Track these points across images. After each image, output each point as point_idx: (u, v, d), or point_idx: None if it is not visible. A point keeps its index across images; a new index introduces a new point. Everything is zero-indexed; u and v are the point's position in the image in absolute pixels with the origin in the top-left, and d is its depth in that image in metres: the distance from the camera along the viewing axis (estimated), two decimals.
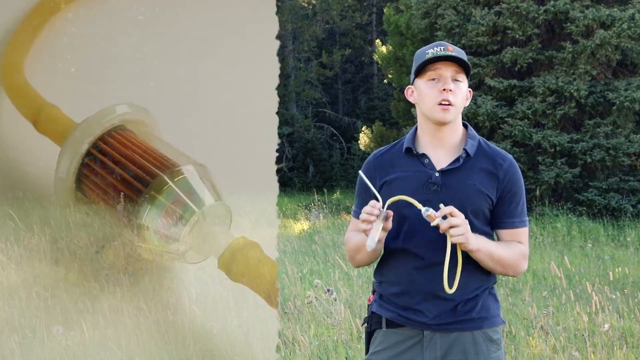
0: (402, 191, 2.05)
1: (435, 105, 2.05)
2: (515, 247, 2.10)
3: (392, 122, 20.00)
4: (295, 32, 24.78)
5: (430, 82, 2.07)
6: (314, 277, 6.82)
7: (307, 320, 5.06)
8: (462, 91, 2.08)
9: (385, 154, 2.19)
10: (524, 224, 2.14)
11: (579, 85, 13.44)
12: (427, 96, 2.07)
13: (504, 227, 2.11)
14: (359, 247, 2.10)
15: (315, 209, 14.69)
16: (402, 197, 1.97)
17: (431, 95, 2.06)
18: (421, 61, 2.07)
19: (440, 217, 1.92)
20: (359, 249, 2.12)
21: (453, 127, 2.11)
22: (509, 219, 2.10)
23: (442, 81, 2.05)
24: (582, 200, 13.36)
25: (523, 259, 2.11)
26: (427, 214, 1.93)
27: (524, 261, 2.11)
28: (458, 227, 1.93)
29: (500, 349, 2.11)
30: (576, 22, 13.60)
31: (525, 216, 2.14)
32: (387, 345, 2.12)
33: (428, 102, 2.07)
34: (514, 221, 2.11)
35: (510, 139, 13.81)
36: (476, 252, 2.00)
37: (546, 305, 5.67)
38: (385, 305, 2.13)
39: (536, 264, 8.34)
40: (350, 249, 2.18)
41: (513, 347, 4.64)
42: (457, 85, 2.06)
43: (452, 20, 14.93)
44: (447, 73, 2.06)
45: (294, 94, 24.34)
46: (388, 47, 18.22)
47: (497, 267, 2.07)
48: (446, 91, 2.04)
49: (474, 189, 2.06)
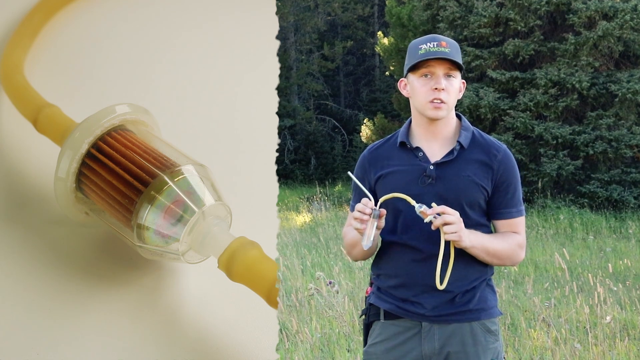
0: (397, 185, 2.07)
1: (427, 103, 2.06)
2: (510, 238, 2.11)
3: (393, 115, 20.00)
4: (297, 24, 24.75)
5: (422, 79, 2.07)
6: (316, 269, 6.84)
7: (309, 313, 5.08)
8: (454, 87, 2.08)
9: (380, 148, 2.20)
10: (520, 213, 2.15)
11: (581, 77, 13.44)
12: (419, 93, 2.08)
13: (500, 218, 2.13)
14: (355, 242, 2.12)
15: (317, 201, 14.71)
16: (395, 194, 1.98)
17: (423, 93, 2.07)
18: (413, 58, 2.07)
19: (433, 214, 1.93)
20: (355, 244, 2.13)
21: (446, 120, 2.12)
22: (505, 209, 2.12)
23: (434, 79, 2.06)
24: (584, 192, 13.38)
25: (519, 249, 2.12)
26: (420, 211, 1.94)
27: (520, 251, 2.13)
28: (451, 225, 1.94)
29: (499, 340, 2.13)
30: (578, 14, 13.59)
31: (521, 205, 2.16)
32: (386, 337, 2.13)
33: (420, 98, 2.08)
34: (511, 211, 2.12)
35: (512, 131, 13.83)
36: (471, 249, 2.01)
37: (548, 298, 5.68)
38: (383, 297, 2.14)
39: (538, 256, 8.35)
40: (347, 244, 2.20)
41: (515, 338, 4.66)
42: (449, 82, 2.07)
43: (454, 12, 14.93)
44: (439, 71, 2.06)
45: (296, 86, 24.32)
46: (390, 39, 18.22)
47: (493, 260, 2.08)
48: (438, 90, 2.05)
49: (469, 181, 2.07)
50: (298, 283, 6.11)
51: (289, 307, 5.24)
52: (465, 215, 2.03)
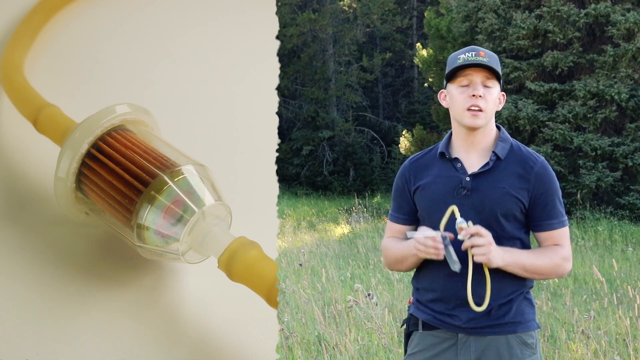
0: (434, 196, 2.08)
1: (464, 111, 2.06)
2: (552, 252, 2.08)
3: (432, 126, 19.92)
4: (335, 35, 24.70)
5: (461, 88, 2.08)
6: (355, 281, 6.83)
7: (348, 324, 5.07)
8: (492, 96, 2.08)
9: (421, 159, 2.20)
10: (562, 224, 2.11)
11: (620, 88, 13.43)
12: (457, 101, 2.08)
13: (541, 230, 2.10)
14: (404, 257, 2.10)
15: (355, 212, 14.65)
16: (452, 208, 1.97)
17: (461, 101, 2.07)
18: (452, 67, 2.07)
19: (467, 235, 1.93)
20: (402, 260, 2.12)
21: (485, 131, 2.11)
22: (546, 221, 2.09)
23: (472, 87, 2.05)
24: (623, 203, 13.34)
25: (564, 261, 2.09)
26: (459, 227, 1.93)
27: (565, 263, 2.09)
28: (480, 247, 1.93)
29: (536, 352, 2.10)
30: (617, 26, 13.57)
31: (563, 216, 2.12)
32: (423, 347, 2.12)
33: (458, 107, 2.08)
34: (552, 223, 2.09)
35: (551, 143, 13.80)
36: (505, 267, 2.00)
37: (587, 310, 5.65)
38: (422, 307, 2.13)
39: (577, 268, 8.31)
40: (394, 259, 2.18)
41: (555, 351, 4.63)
42: (487, 91, 2.06)
43: (493, 23, 14.91)
44: (477, 79, 2.06)
45: (335, 97, 24.26)
46: (429, 51, 18.17)
47: (534, 276, 2.06)
48: (475, 97, 2.05)
49: (504, 193, 2.05)
50: (337, 295, 6.08)
51: (328, 319, 5.23)
52: (500, 227, 2.02)
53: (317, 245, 9.53)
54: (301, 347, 4.62)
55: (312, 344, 4.67)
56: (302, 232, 12.08)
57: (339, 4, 25.29)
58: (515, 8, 14.84)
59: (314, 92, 23.48)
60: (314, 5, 24.88)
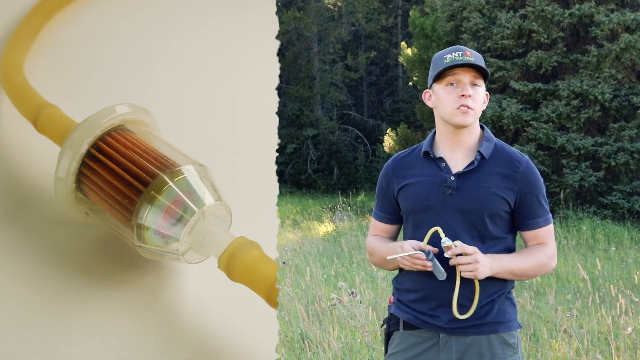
0: (418, 195, 2.09)
1: (454, 110, 2.07)
2: (538, 253, 2.11)
3: (417, 125, 19.97)
4: (320, 34, 24.73)
5: (448, 87, 2.08)
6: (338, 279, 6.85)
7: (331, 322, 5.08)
8: (480, 95, 2.09)
9: (405, 158, 2.20)
10: (548, 221, 2.14)
11: (603, 88, 13.50)
12: (446, 101, 2.09)
13: (527, 229, 2.12)
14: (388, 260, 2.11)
15: (339, 211, 14.69)
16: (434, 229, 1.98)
17: (450, 101, 2.07)
18: (440, 67, 2.08)
19: (453, 254, 1.95)
20: (388, 262, 2.13)
21: (471, 130, 2.12)
22: (531, 219, 2.11)
23: (460, 87, 2.06)
24: (606, 203, 13.40)
25: (550, 260, 2.12)
26: (445, 246, 1.96)
27: (551, 261, 2.12)
28: (467, 265, 1.95)
29: (517, 352, 2.12)
30: (601, 26, 13.64)
31: (548, 214, 2.14)
32: (404, 347, 2.13)
33: (447, 107, 2.08)
34: (538, 221, 2.11)
35: (534, 142, 13.86)
36: (495, 276, 2.02)
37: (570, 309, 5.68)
38: (403, 307, 2.14)
39: (560, 267, 8.36)
40: (379, 260, 2.20)
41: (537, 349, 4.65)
42: (475, 90, 2.08)
43: (478, 23, 14.96)
44: (465, 79, 2.07)
45: (319, 96, 24.30)
46: (413, 50, 18.22)
47: (522, 278, 2.10)
48: (465, 97, 2.06)
49: (490, 192, 2.06)
50: (321, 293, 6.09)
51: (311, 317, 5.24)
52: (485, 227, 2.04)
53: (301, 244, 9.55)
54: (285, 345, 4.64)
55: (296, 342, 4.68)
56: (285, 231, 12.10)
57: (323, 3, 25.31)
58: (500, 8, 14.90)
59: (298, 90, 23.50)
60: (298, 3, 24.90)
